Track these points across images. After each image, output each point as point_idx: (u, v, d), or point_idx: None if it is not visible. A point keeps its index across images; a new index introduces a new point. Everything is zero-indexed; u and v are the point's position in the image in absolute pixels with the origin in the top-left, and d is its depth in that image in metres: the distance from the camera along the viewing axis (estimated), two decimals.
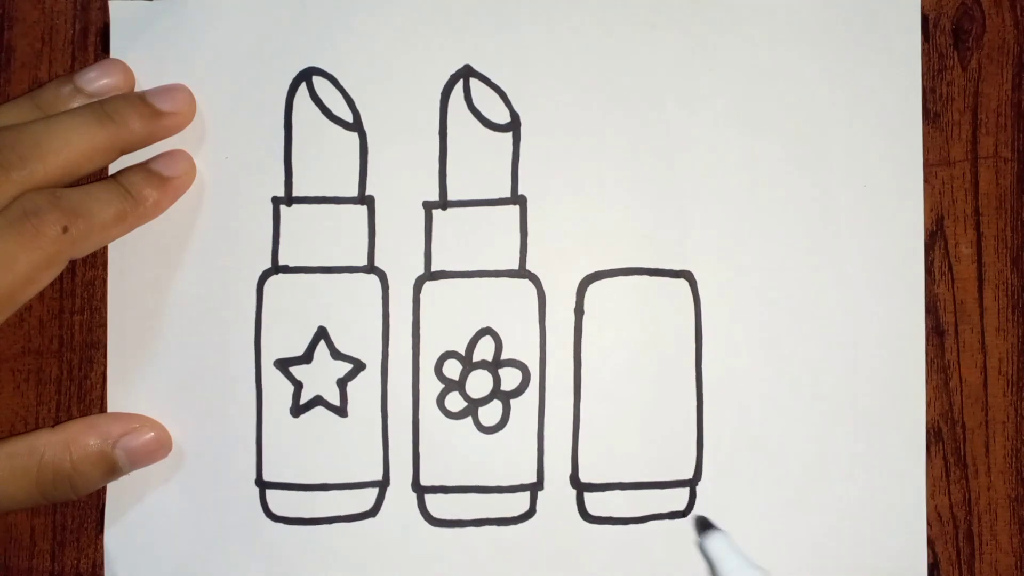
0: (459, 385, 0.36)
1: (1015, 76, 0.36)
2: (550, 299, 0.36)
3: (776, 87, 0.35)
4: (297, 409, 0.35)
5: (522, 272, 0.36)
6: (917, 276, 0.36)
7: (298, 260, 0.35)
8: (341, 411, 0.35)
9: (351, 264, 0.35)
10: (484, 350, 0.35)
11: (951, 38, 0.36)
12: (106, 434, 0.34)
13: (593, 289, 0.36)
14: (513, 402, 0.36)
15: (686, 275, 0.36)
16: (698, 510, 0.36)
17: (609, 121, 0.35)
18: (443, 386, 0.36)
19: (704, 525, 0.35)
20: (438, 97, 0.35)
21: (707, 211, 0.35)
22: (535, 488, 0.35)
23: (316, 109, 0.35)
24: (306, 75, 0.35)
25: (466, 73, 0.35)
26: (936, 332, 0.36)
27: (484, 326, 0.35)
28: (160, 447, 0.35)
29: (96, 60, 0.36)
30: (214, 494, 0.35)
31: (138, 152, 0.35)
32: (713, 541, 0.34)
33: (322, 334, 0.35)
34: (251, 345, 0.35)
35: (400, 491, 0.35)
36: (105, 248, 0.35)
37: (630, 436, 0.36)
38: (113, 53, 0.35)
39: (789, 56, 0.35)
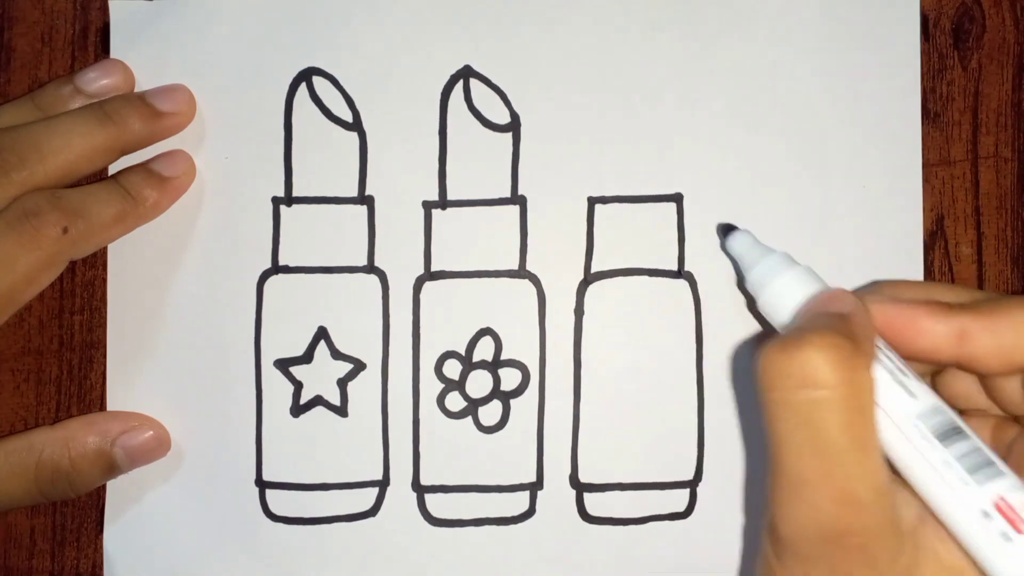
0: (459, 385, 0.36)
1: (1015, 76, 0.36)
2: (550, 299, 0.36)
3: (776, 87, 0.35)
4: (297, 409, 0.36)
5: (522, 272, 0.36)
6: (917, 276, 0.36)
7: (298, 260, 0.35)
8: (341, 411, 0.36)
9: (351, 264, 0.35)
10: (484, 350, 0.35)
11: (951, 38, 0.36)
12: (105, 432, 0.34)
13: (593, 289, 0.36)
14: (513, 402, 0.36)
15: (686, 275, 0.35)
16: (698, 511, 0.36)
17: (609, 121, 0.35)
18: (443, 386, 0.36)
19: (727, 229, 0.32)
20: (438, 97, 0.35)
21: (707, 211, 0.35)
22: (535, 488, 0.36)
23: (316, 109, 0.35)
24: (306, 75, 0.35)
25: (466, 73, 0.35)
26: None
27: (484, 326, 0.36)
28: (159, 446, 0.35)
29: (96, 60, 0.36)
30: (214, 494, 0.35)
31: (138, 152, 0.35)
32: (734, 239, 0.31)
33: (322, 334, 0.35)
34: (251, 345, 0.35)
35: (400, 491, 0.35)
36: (105, 248, 0.35)
37: (630, 436, 0.36)
38: (113, 53, 0.35)
39: (789, 56, 0.35)
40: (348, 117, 0.35)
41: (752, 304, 0.31)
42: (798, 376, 0.23)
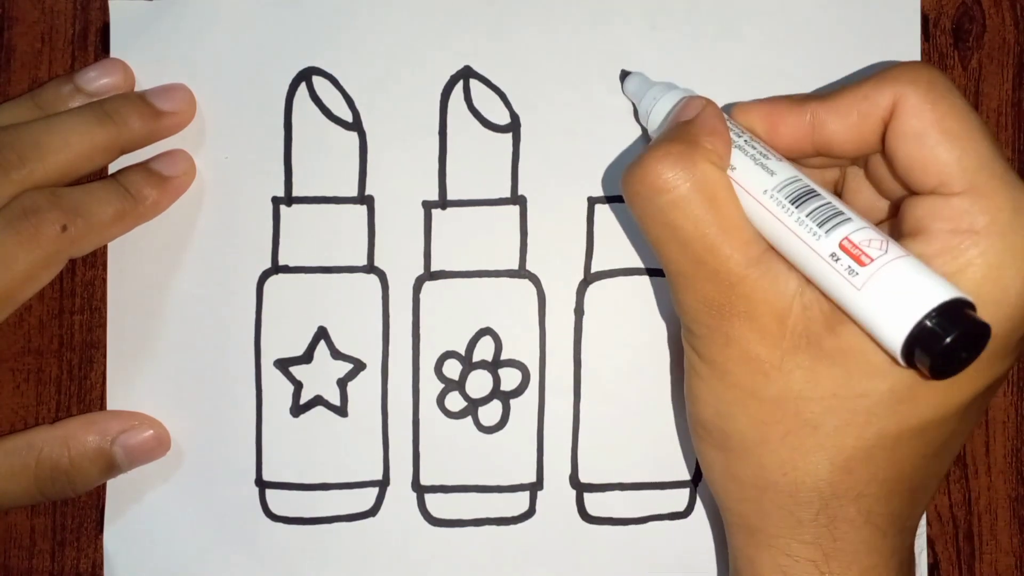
0: (459, 385, 0.36)
1: (1015, 76, 0.36)
2: (550, 299, 0.36)
3: (776, 87, 0.35)
4: (297, 409, 0.35)
5: (522, 272, 0.36)
6: None
7: (298, 260, 0.35)
8: (341, 411, 0.35)
9: (351, 264, 0.35)
10: (484, 350, 0.35)
11: (951, 38, 0.36)
12: (105, 431, 0.34)
13: (593, 289, 0.36)
14: (513, 402, 0.35)
15: None
16: (698, 511, 0.36)
17: (609, 121, 0.35)
18: (443, 386, 0.36)
19: (624, 74, 0.35)
20: (438, 97, 0.35)
21: None
22: (535, 488, 0.35)
23: (316, 109, 0.35)
24: (306, 75, 0.35)
25: (466, 74, 0.35)
26: None
27: (484, 326, 0.35)
28: (159, 445, 0.35)
29: (96, 60, 0.36)
30: (214, 494, 0.35)
31: (138, 152, 0.35)
32: (628, 81, 0.34)
33: (322, 334, 0.35)
34: (251, 345, 0.35)
35: (400, 491, 0.35)
36: (105, 248, 0.35)
37: (630, 436, 0.36)
38: (113, 53, 0.35)
39: (789, 56, 0.35)
40: (348, 117, 0.35)
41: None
42: (646, 188, 0.27)
